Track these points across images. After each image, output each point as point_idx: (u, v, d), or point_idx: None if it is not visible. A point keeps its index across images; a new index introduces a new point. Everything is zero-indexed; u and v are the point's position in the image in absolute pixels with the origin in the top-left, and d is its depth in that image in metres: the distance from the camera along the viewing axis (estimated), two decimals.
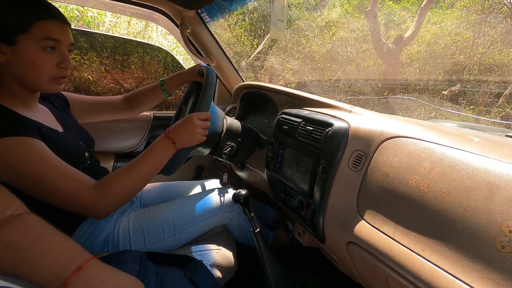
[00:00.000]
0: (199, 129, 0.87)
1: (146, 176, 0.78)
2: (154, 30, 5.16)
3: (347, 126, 0.76)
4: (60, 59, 0.73)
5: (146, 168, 0.78)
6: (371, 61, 6.32)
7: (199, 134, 0.87)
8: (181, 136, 0.84)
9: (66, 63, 0.75)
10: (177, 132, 0.84)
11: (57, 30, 0.71)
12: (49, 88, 0.75)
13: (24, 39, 0.67)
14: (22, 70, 0.70)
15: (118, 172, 0.75)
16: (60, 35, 0.72)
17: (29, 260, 0.44)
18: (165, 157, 0.82)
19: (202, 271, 0.76)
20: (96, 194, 0.69)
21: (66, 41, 0.74)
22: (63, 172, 0.67)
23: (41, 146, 0.67)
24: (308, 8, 6.75)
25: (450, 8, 6.18)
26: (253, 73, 5.73)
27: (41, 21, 0.68)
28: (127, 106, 1.11)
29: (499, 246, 0.42)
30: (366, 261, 0.64)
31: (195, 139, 0.87)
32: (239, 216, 1.05)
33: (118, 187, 0.72)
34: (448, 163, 0.52)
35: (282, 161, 1.00)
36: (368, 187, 0.66)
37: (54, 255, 0.46)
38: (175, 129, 0.85)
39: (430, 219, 0.51)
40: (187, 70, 1.09)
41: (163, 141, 0.82)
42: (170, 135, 0.83)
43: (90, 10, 4.20)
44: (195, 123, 0.85)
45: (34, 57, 0.69)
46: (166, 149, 0.82)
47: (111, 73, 2.87)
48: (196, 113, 0.87)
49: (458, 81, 4.92)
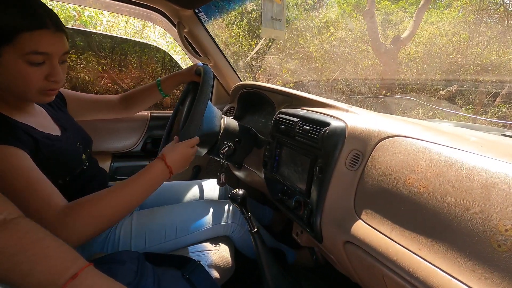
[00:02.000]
0: (191, 157, 0.87)
1: (132, 202, 0.70)
2: (152, 30, 5.15)
3: (344, 125, 0.76)
4: (49, 72, 0.66)
5: (135, 191, 0.71)
6: (369, 61, 6.34)
7: (188, 161, 0.87)
8: (175, 164, 0.82)
9: (55, 76, 0.67)
10: (173, 158, 0.81)
11: (46, 42, 0.63)
12: (38, 100, 0.70)
13: (8, 51, 0.60)
14: (7, 82, 0.64)
15: (99, 195, 0.66)
16: (49, 47, 0.63)
17: (22, 266, 0.42)
18: (159, 181, 0.78)
19: (199, 271, 0.76)
20: (64, 215, 0.60)
21: (57, 52, 0.66)
22: (32, 187, 0.60)
23: (18, 156, 0.61)
24: (306, 8, 6.76)
25: (447, 8, 6.21)
26: (251, 73, 5.72)
27: (27, 33, 0.60)
28: (123, 106, 1.11)
29: (495, 245, 0.42)
30: (363, 260, 0.64)
31: (188, 164, 0.87)
32: (240, 228, 1.05)
33: (92, 212, 0.63)
34: (445, 163, 0.52)
35: (279, 160, 1.00)
36: (365, 186, 0.66)
37: (48, 261, 0.44)
38: (170, 154, 0.81)
39: (427, 218, 0.51)
40: (184, 70, 1.09)
41: (160, 165, 0.78)
42: (167, 160, 0.80)
43: (87, 9, 4.19)
44: (188, 151, 0.86)
45: (18, 70, 0.62)
46: (161, 173, 0.78)
47: (108, 72, 2.85)
48: (188, 141, 0.87)
49: (455, 81, 4.95)
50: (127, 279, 0.59)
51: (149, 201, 1.12)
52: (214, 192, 1.25)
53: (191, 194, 1.21)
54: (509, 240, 0.40)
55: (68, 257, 0.46)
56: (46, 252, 0.45)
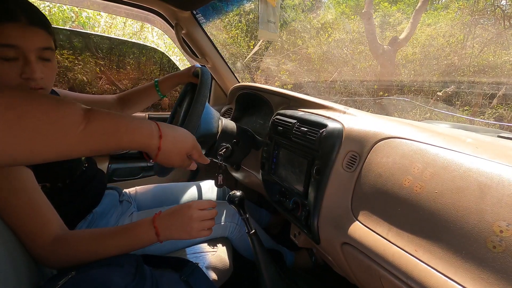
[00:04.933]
0: (196, 224, 0.71)
1: (112, 252, 0.65)
2: (150, 31, 5.16)
3: (341, 127, 0.77)
4: (23, 69, 0.62)
5: (117, 244, 0.66)
6: (367, 62, 6.36)
7: (195, 229, 0.71)
8: (170, 228, 0.70)
9: (29, 73, 0.63)
10: (167, 222, 0.70)
11: (15, 35, 0.60)
12: None
13: None
14: None
15: (86, 234, 0.65)
16: (18, 40, 0.60)
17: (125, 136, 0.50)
18: (141, 245, 0.68)
19: (197, 274, 0.76)
20: (51, 247, 0.61)
21: (29, 47, 0.62)
22: (33, 210, 0.60)
23: (22, 175, 0.60)
24: (304, 10, 6.79)
25: (444, 10, 6.25)
26: (249, 75, 5.73)
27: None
28: (120, 106, 1.11)
29: (491, 246, 0.42)
30: (360, 261, 0.64)
31: (188, 234, 0.71)
32: (239, 229, 1.05)
33: (76, 252, 0.63)
34: (441, 164, 0.53)
35: (277, 162, 1.00)
36: (362, 187, 0.66)
37: None
38: (167, 216, 0.71)
39: (423, 219, 0.51)
40: (182, 71, 1.09)
41: (146, 228, 0.68)
42: (157, 223, 0.69)
43: (85, 10, 4.19)
44: (192, 215, 0.72)
45: None
46: (145, 237, 0.68)
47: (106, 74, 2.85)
48: (196, 202, 0.75)
49: (452, 82, 4.97)
50: (125, 281, 0.59)
51: (147, 203, 1.12)
52: (212, 193, 1.25)
53: (189, 195, 1.20)
54: (504, 241, 0.41)
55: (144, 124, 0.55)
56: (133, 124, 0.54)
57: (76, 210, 0.82)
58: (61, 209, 0.68)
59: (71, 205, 0.80)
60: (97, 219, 0.86)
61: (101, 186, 0.92)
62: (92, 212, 0.86)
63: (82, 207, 0.84)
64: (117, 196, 1.00)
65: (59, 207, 0.67)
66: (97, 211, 0.87)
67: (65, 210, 0.73)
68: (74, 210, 0.81)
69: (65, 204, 0.77)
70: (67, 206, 0.78)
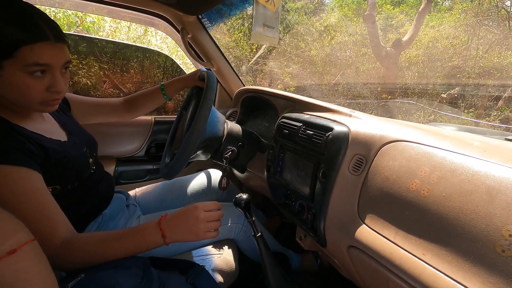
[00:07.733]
0: (202, 225, 0.73)
1: (119, 255, 0.67)
2: (153, 35, 5.20)
3: (347, 130, 0.77)
4: (50, 83, 0.66)
5: (123, 247, 0.67)
6: (370, 64, 6.35)
7: (201, 230, 0.73)
8: (175, 230, 0.71)
9: (57, 87, 0.67)
10: (173, 224, 0.71)
11: (47, 54, 0.63)
12: (42, 110, 0.71)
13: (9, 65, 0.60)
14: (10, 94, 0.64)
15: (97, 236, 0.68)
16: (50, 58, 0.64)
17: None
18: (148, 247, 0.69)
19: (204, 276, 0.76)
20: (62, 249, 0.62)
21: (58, 63, 0.66)
22: (42, 212, 0.62)
23: (30, 179, 0.62)
24: (307, 12, 6.80)
25: (448, 12, 6.23)
26: (252, 78, 5.75)
27: (27, 46, 0.60)
28: (126, 109, 1.12)
29: (499, 250, 0.42)
30: (367, 265, 0.64)
31: (195, 235, 0.72)
32: (245, 230, 1.05)
33: (85, 254, 0.64)
34: (448, 167, 0.53)
35: (282, 165, 1.00)
36: (368, 191, 0.66)
37: None
38: (173, 219, 0.72)
39: (431, 223, 0.51)
40: (187, 75, 1.10)
41: (153, 230, 0.70)
42: (164, 225, 0.70)
43: (89, 15, 4.23)
44: (198, 216, 0.73)
45: (20, 82, 0.62)
46: (152, 240, 0.69)
47: (110, 77, 2.88)
48: (202, 203, 0.76)
49: (457, 84, 4.94)
50: (133, 283, 0.60)
51: (153, 201, 1.13)
52: (215, 182, 1.24)
53: (197, 185, 1.21)
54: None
55: None
56: None
57: (85, 212, 0.83)
58: (70, 211, 0.69)
59: (81, 207, 0.81)
60: (107, 221, 0.87)
61: (109, 188, 0.93)
62: (102, 214, 0.87)
63: (91, 209, 0.85)
64: (124, 200, 1.01)
65: (68, 209, 0.69)
66: (107, 213, 0.88)
67: (75, 212, 0.74)
68: (84, 212, 0.82)
69: (75, 206, 0.78)
70: (77, 208, 0.79)
